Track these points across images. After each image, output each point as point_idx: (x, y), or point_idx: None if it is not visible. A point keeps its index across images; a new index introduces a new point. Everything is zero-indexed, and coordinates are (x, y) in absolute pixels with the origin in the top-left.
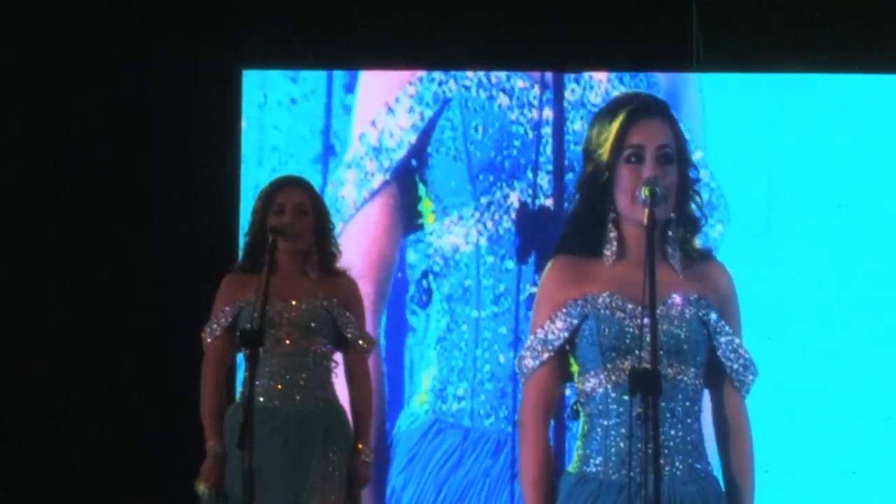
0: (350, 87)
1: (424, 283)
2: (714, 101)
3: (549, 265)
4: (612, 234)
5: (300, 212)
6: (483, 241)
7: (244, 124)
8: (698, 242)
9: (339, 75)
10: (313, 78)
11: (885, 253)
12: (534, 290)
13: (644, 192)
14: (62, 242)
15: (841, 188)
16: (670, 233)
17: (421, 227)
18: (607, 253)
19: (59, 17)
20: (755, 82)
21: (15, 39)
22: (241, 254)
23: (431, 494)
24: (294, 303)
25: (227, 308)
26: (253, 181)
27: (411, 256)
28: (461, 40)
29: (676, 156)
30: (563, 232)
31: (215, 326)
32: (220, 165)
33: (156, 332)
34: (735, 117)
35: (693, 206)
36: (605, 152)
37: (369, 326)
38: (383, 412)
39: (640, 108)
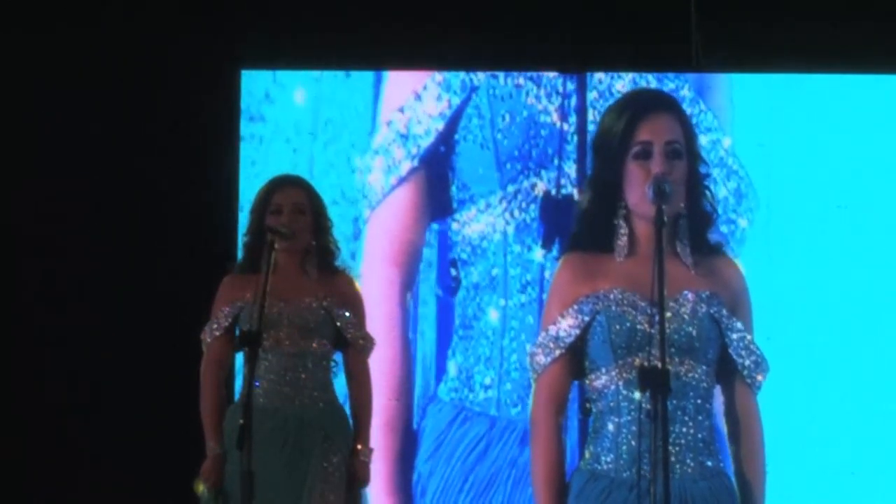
0: None
1: (453, 271)
2: (712, 102)
3: (560, 262)
4: (623, 230)
5: (298, 211)
6: (510, 230)
7: (301, 96)
8: (710, 237)
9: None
10: None
11: (884, 253)
12: None
13: (652, 190)
14: (61, 242)
15: (840, 189)
16: (681, 228)
17: (449, 214)
18: (618, 249)
19: (58, 16)
20: (754, 82)
21: (14, 39)
22: (240, 254)
23: (458, 482)
24: (293, 303)
25: (227, 308)
26: (307, 155)
27: (439, 243)
28: (461, 42)
29: (685, 151)
30: (574, 229)
31: (215, 327)
32: (219, 165)
33: (155, 333)
34: (733, 118)
35: (704, 200)
36: (613, 148)
37: (396, 312)
38: (411, 399)
39: (648, 104)
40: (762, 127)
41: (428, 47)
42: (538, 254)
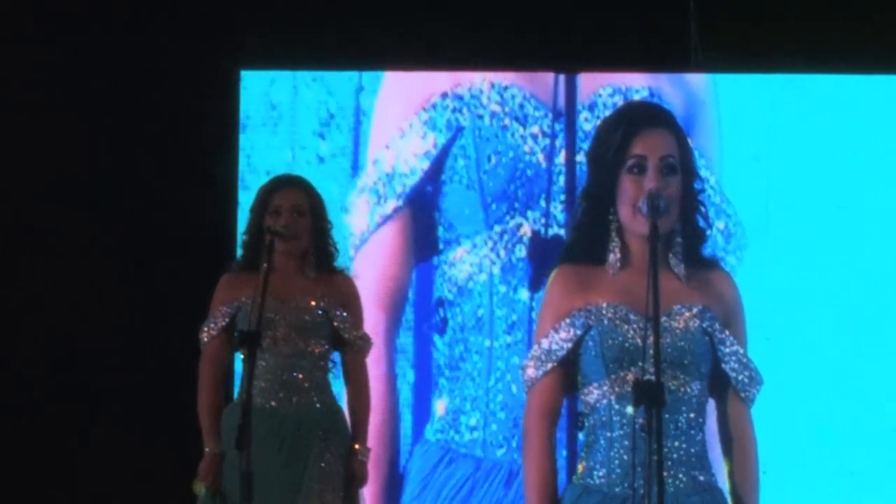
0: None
1: (440, 311)
2: (711, 102)
3: (553, 274)
4: (616, 244)
5: (297, 212)
6: (496, 271)
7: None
8: (703, 252)
9: (365, 132)
10: (341, 136)
11: (884, 254)
12: None
13: (647, 205)
14: (61, 242)
15: (839, 189)
16: (674, 243)
17: (435, 254)
18: (611, 262)
19: (58, 17)
20: (753, 83)
21: (15, 40)
22: (238, 252)
23: None
24: (291, 303)
25: (225, 308)
26: None
27: (426, 284)
28: (461, 41)
29: (680, 166)
30: (568, 241)
31: (213, 326)
32: (218, 165)
33: (154, 332)
34: (732, 118)
35: (698, 216)
36: (608, 162)
37: (381, 353)
38: (397, 440)
39: (644, 118)
40: (761, 127)
41: (428, 47)
42: (524, 294)
